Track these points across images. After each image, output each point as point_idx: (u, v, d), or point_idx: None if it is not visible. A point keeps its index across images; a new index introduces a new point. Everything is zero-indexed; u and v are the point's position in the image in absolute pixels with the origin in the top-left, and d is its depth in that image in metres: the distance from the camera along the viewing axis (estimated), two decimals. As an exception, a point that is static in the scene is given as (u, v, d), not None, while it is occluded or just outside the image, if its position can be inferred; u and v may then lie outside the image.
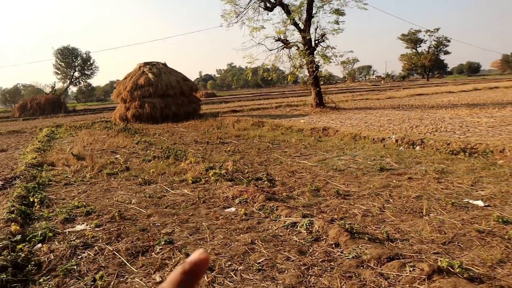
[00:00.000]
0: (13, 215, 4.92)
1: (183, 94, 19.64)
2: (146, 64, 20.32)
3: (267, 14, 20.08)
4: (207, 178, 6.54)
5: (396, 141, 8.61)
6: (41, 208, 5.45)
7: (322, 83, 21.82)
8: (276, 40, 20.40)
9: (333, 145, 9.23)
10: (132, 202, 5.56)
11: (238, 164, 7.58)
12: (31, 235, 4.32)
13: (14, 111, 42.49)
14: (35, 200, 5.59)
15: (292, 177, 6.49)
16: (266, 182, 6.15)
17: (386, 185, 5.61)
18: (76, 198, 5.96)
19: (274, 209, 4.78)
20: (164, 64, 20.74)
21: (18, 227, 4.50)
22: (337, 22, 19.19)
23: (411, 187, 5.39)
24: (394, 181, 5.77)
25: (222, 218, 4.71)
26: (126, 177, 7.15)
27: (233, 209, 5.04)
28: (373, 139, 9.21)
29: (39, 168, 8.52)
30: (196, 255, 0.49)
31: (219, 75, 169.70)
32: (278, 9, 20.21)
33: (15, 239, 4.16)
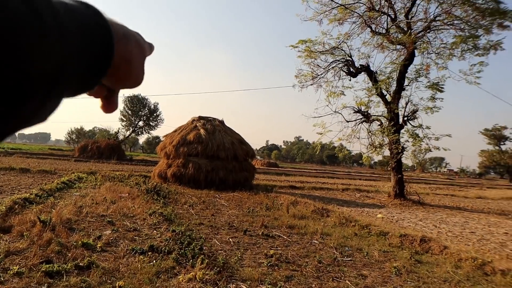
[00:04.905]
0: None
1: (236, 158, 16.61)
2: (200, 118, 17.75)
3: (349, 80, 17.07)
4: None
5: None
6: None
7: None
8: (355, 112, 17.18)
9: (447, 277, 5.44)
10: None
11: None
12: None
13: (75, 151, 42.60)
14: None
15: None
16: None
17: None
18: None
19: None
20: (221, 122, 18.08)
21: None
22: (433, 99, 15.70)
23: None
24: None
25: None
26: (70, 286, 3.89)
27: None
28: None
29: (-21, 234, 5.54)
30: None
31: (285, 147, 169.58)
32: (362, 76, 17.21)
33: None
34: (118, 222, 7.19)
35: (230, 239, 6.68)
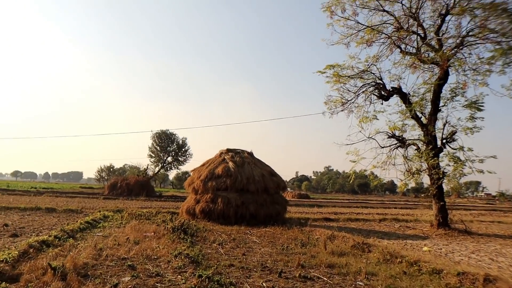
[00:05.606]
0: None
1: (266, 191, 15.87)
2: (228, 151, 17.21)
3: (381, 104, 16.29)
4: None
5: None
6: None
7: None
8: (389, 137, 16.30)
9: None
10: None
11: None
12: None
13: (105, 189, 42.95)
14: None
15: None
16: None
17: None
18: None
19: None
20: (250, 153, 17.45)
21: None
22: (472, 118, 14.67)
23: None
24: None
25: None
26: None
27: None
28: None
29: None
30: None
31: (315, 177, 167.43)
32: (395, 99, 16.41)
33: None
34: (139, 266, 6.54)
35: (264, 284, 5.90)
